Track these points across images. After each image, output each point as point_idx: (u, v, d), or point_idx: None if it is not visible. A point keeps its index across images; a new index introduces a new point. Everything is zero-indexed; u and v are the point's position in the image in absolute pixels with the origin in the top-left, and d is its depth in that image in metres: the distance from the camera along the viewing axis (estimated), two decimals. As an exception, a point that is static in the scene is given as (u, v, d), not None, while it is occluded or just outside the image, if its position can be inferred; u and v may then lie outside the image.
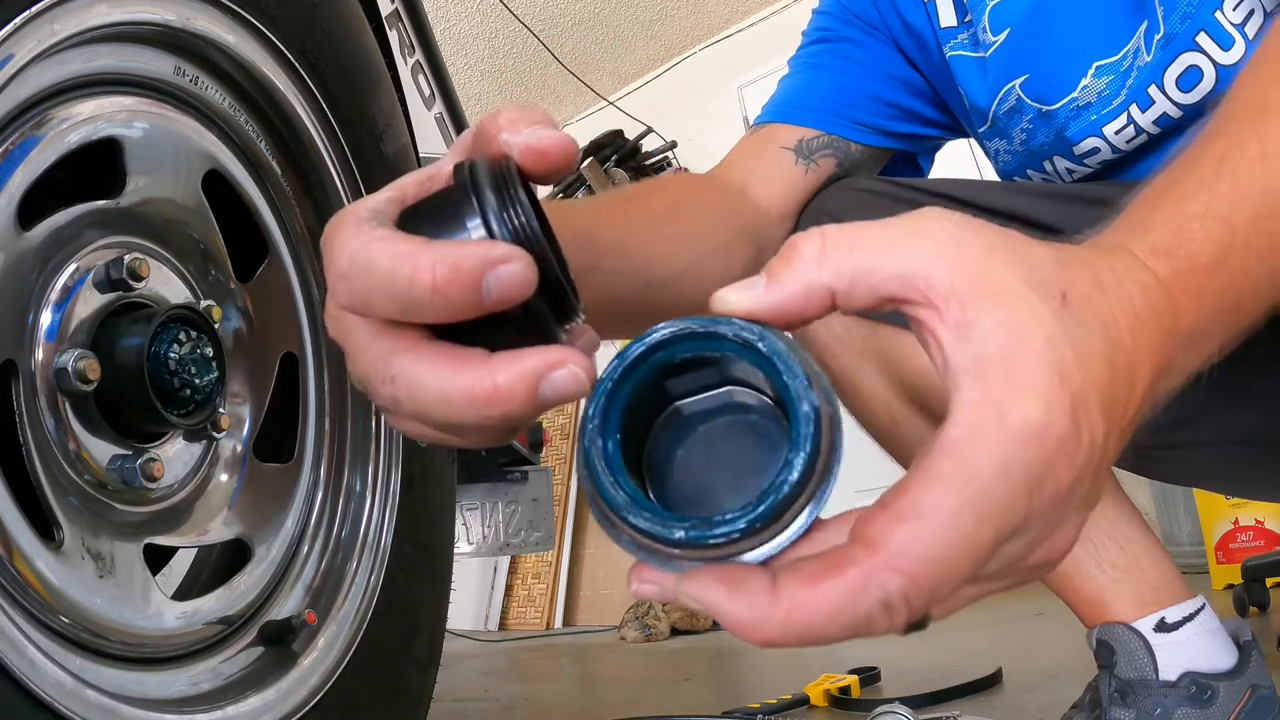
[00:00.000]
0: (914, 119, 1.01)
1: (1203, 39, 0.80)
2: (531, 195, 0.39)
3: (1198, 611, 0.88)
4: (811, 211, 0.91)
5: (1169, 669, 0.85)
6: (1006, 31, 0.90)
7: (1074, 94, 0.87)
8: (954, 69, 0.95)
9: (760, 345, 0.33)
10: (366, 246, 0.36)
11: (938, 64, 0.97)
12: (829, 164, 0.94)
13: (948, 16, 0.95)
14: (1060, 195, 0.88)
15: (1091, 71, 0.86)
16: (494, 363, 0.36)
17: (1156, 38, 0.82)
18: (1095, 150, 0.88)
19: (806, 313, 0.34)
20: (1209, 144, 0.46)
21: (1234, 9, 0.79)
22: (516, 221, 0.36)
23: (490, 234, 0.35)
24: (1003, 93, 0.92)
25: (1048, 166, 0.93)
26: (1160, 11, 0.82)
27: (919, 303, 0.33)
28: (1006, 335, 0.31)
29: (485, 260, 0.34)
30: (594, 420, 0.34)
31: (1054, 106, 0.89)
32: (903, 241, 0.33)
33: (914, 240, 0.33)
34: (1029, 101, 0.90)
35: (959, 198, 0.88)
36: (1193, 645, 0.86)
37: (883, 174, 1.01)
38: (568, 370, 0.35)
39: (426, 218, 0.38)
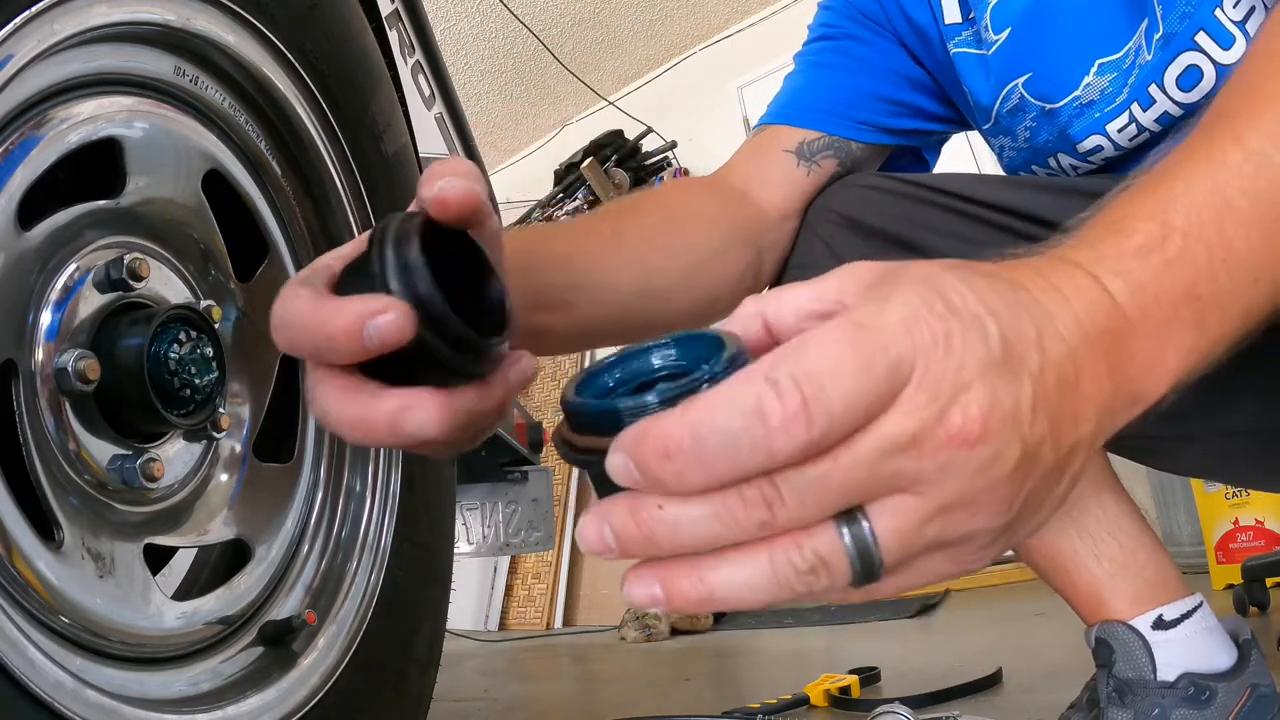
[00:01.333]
0: (918, 115, 1.01)
1: (1202, 38, 0.80)
2: (450, 242, 0.47)
3: (1195, 609, 0.88)
4: (818, 208, 0.92)
5: (1167, 669, 0.85)
6: (1008, 30, 0.90)
7: (1076, 92, 0.87)
8: (958, 66, 0.95)
9: (707, 333, 0.38)
10: (289, 304, 0.44)
11: (942, 60, 0.97)
12: (831, 164, 0.94)
13: (952, 13, 0.95)
14: (1062, 189, 0.88)
15: (1094, 70, 0.86)
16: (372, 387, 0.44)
17: (1156, 37, 0.82)
18: (1099, 148, 0.88)
19: (747, 339, 0.38)
20: (1166, 161, 0.47)
21: (1234, 6, 0.79)
22: (405, 278, 0.43)
23: (386, 287, 0.43)
24: (1005, 91, 0.92)
25: (1052, 163, 0.93)
26: (1159, 11, 0.82)
27: (835, 311, 0.36)
28: (888, 272, 0.36)
29: (361, 314, 0.41)
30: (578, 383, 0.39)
31: (1057, 105, 0.89)
32: (823, 278, 0.38)
33: (831, 273, 0.38)
34: (1032, 100, 0.90)
35: (959, 193, 0.89)
36: (1190, 643, 0.86)
37: (887, 169, 1.01)
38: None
39: (350, 274, 0.46)
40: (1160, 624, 0.86)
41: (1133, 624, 0.87)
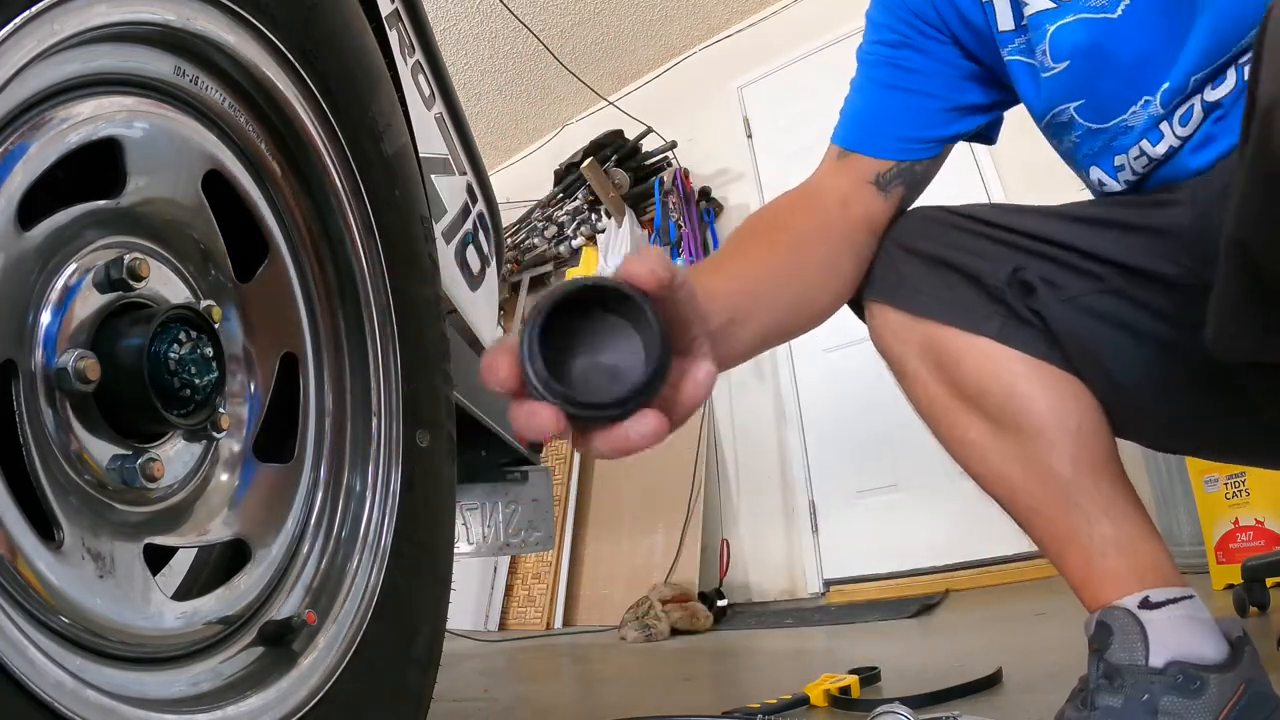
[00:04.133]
0: (976, 111, 1.11)
1: (1208, 90, 0.89)
2: (593, 302, 0.58)
3: (1184, 598, 0.89)
4: (888, 237, 1.07)
5: (1155, 654, 0.86)
6: (1066, 63, 0.98)
7: (1123, 117, 0.95)
8: (1010, 71, 1.04)
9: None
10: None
11: (996, 60, 1.06)
12: (900, 189, 1.09)
13: (1005, 20, 1.03)
14: (1086, 220, 0.98)
15: (1140, 103, 0.94)
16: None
17: (1164, 86, 0.91)
18: (1121, 167, 0.97)
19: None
20: None
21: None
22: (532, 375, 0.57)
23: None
24: (1057, 110, 1.01)
25: (1086, 176, 1.03)
26: (1184, 69, 0.90)
27: None
28: None
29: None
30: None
31: (1105, 125, 0.97)
32: None
33: None
34: (1080, 120, 0.99)
35: (996, 222, 1.02)
36: (1174, 626, 0.87)
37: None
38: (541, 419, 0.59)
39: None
40: (1146, 604, 0.88)
41: (1121, 603, 0.89)
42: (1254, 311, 0.71)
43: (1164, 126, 0.92)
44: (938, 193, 1.12)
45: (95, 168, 0.80)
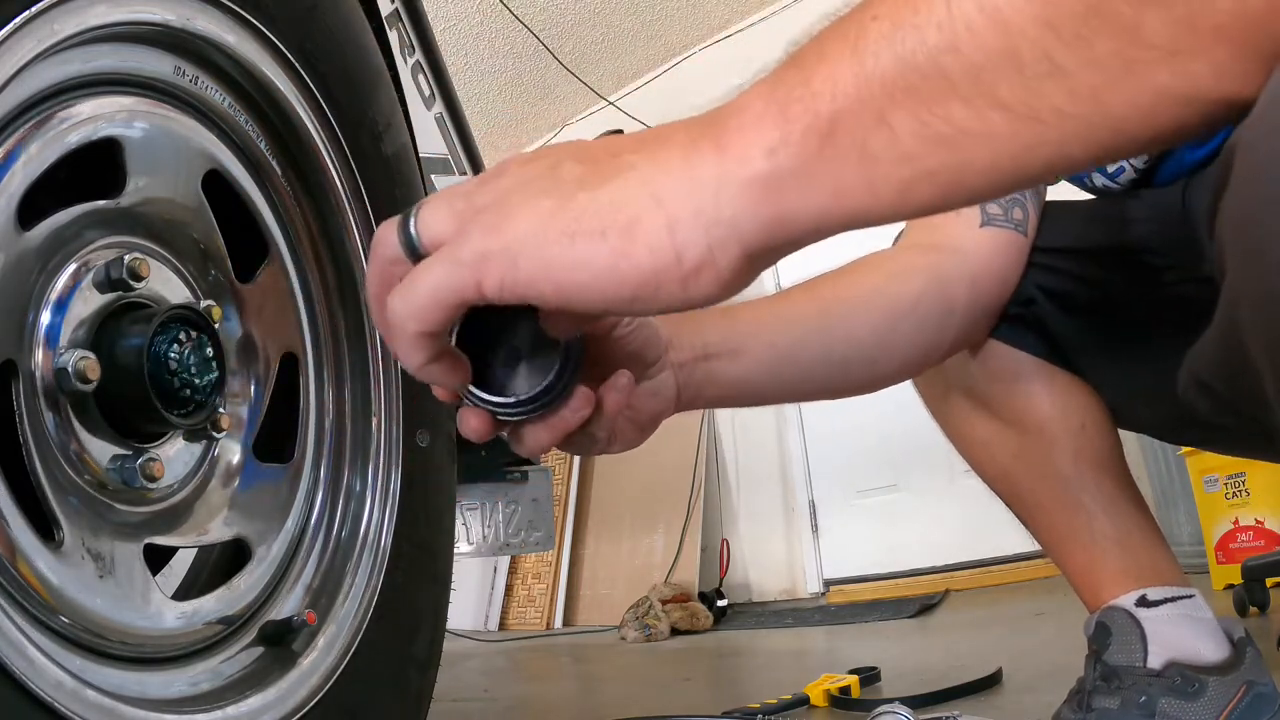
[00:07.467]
0: None
1: None
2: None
3: (1184, 598, 0.89)
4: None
5: (1153, 656, 0.86)
6: None
7: None
8: None
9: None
10: None
11: None
12: None
13: None
14: (1079, 215, 0.98)
15: None
16: None
17: None
18: (1121, 169, 0.96)
19: None
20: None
21: None
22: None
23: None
24: None
25: (1088, 181, 1.02)
26: None
27: None
28: None
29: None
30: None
31: None
32: None
33: None
34: None
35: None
36: (1172, 625, 0.87)
37: None
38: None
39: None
40: (1144, 602, 0.88)
41: (1119, 602, 0.88)
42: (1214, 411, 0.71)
43: None
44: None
45: (95, 168, 0.80)
